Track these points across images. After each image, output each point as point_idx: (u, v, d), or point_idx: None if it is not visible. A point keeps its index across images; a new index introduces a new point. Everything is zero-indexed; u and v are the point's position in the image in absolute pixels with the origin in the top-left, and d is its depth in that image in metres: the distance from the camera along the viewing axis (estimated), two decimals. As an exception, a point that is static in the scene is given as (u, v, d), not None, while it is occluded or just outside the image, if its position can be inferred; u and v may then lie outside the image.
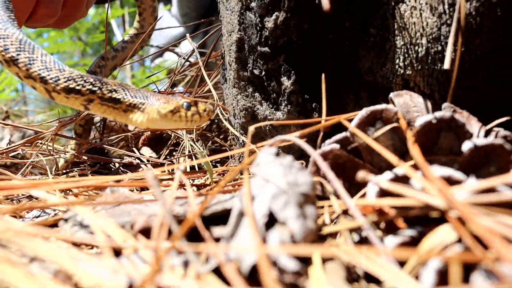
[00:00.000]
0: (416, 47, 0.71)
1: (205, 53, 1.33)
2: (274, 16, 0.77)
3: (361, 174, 0.48)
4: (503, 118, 0.65)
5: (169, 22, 2.65)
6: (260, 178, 0.46)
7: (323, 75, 0.73)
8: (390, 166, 0.57)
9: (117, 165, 1.19)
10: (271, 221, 0.42)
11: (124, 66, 1.92)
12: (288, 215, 0.41)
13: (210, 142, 1.28)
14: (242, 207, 0.44)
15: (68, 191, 0.87)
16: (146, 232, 0.47)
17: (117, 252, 0.44)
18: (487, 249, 0.37)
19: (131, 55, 1.58)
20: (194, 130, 1.14)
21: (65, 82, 0.86)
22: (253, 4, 0.80)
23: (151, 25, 1.59)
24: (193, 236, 0.45)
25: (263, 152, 0.51)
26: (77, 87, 0.86)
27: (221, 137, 1.32)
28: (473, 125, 0.61)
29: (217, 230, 0.46)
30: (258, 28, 0.80)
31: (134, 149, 1.26)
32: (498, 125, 0.63)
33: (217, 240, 0.45)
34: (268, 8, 0.77)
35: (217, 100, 1.10)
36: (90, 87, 0.87)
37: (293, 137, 0.54)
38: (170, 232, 0.43)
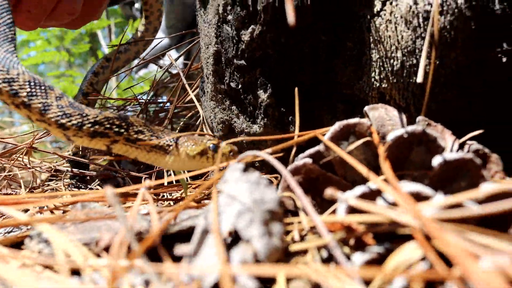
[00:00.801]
0: (392, 60, 0.71)
1: (188, 64, 1.33)
2: (250, 29, 0.77)
3: (329, 192, 0.47)
4: (476, 132, 0.65)
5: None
6: (226, 195, 0.45)
7: (296, 89, 0.72)
8: (363, 180, 0.57)
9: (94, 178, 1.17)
10: (236, 239, 0.41)
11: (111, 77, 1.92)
12: (252, 234, 0.40)
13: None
14: (206, 224, 0.43)
15: (42, 207, 0.85)
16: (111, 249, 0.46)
17: (79, 272, 0.43)
18: (452, 266, 0.37)
19: (134, 57, 1.57)
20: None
21: (91, 127, 0.83)
22: (229, 17, 0.79)
23: (155, 29, 1.60)
24: (158, 253, 0.44)
25: (231, 168, 0.50)
26: (104, 131, 0.83)
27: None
28: (447, 138, 0.61)
29: (183, 248, 0.45)
30: (234, 41, 0.80)
31: (114, 162, 1.24)
32: (474, 139, 0.63)
33: (181, 258, 0.44)
34: (244, 21, 0.77)
35: (201, 112, 1.09)
36: (117, 129, 0.83)
37: (263, 153, 0.53)
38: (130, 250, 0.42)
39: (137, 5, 3.03)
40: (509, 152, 0.63)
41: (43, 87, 0.84)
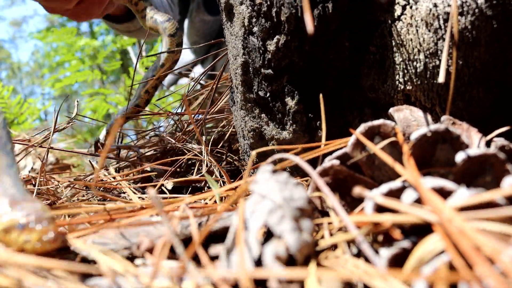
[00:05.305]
0: (415, 63, 0.73)
1: (215, 75, 1.38)
2: (275, 39, 0.80)
3: (357, 190, 0.49)
4: (503, 128, 0.66)
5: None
6: (257, 195, 0.48)
7: (321, 96, 0.75)
8: (390, 180, 0.59)
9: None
10: (269, 235, 0.44)
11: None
12: (283, 229, 0.43)
13: (224, 162, 1.31)
14: (237, 224, 0.46)
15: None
16: (151, 251, 0.50)
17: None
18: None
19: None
20: (207, 152, 1.17)
21: None
22: (255, 29, 0.83)
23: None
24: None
25: (261, 170, 0.53)
26: None
27: (235, 157, 1.34)
28: (473, 136, 0.63)
29: (217, 248, 0.48)
30: (261, 51, 0.83)
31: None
32: (504, 136, 0.64)
33: (216, 257, 0.47)
34: (269, 32, 0.80)
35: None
36: None
37: (291, 155, 0.56)
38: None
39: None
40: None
41: None
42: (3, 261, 0.40)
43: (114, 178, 1.25)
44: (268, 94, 0.87)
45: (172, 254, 0.48)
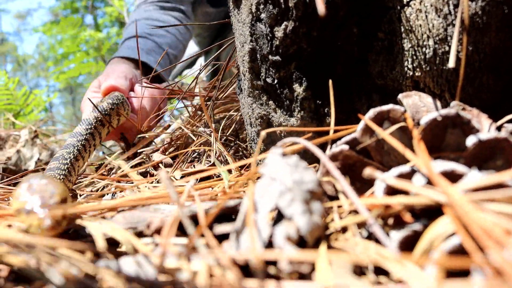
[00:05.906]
0: (424, 49, 0.73)
1: (219, 66, 1.39)
2: (283, 26, 0.79)
3: (368, 171, 0.49)
4: (513, 114, 0.66)
5: None
6: (267, 178, 0.48)
7: (330, 82, 0.75)
8: (400, 165, 0.58)
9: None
10: (279, 217, 0.44)
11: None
12: (294, 211, 0.43)
13: (232, 150, 1.31)
14: (249, 205, 0.46)
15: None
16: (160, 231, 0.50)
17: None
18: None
19: None
20: (216, 140, 1.17)
21: None
22: (263, 15, 0.82)
23: None
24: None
25: (271, 153, 0.53)
26: None
27: (244, 145, 1.34)
28: (483, 121, 0.62)
29: (223, 227, 0.48)
30: (268, 38, 0.83)
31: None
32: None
33: (223, 236, 0.47)
34: (277, 18, 0.80)
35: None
36: None
37: (301, 139, 0.56)
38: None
39: None
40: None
41: None
42: (17, 241, 0.41)
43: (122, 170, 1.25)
44: (275, 81, 0.87)
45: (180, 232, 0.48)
